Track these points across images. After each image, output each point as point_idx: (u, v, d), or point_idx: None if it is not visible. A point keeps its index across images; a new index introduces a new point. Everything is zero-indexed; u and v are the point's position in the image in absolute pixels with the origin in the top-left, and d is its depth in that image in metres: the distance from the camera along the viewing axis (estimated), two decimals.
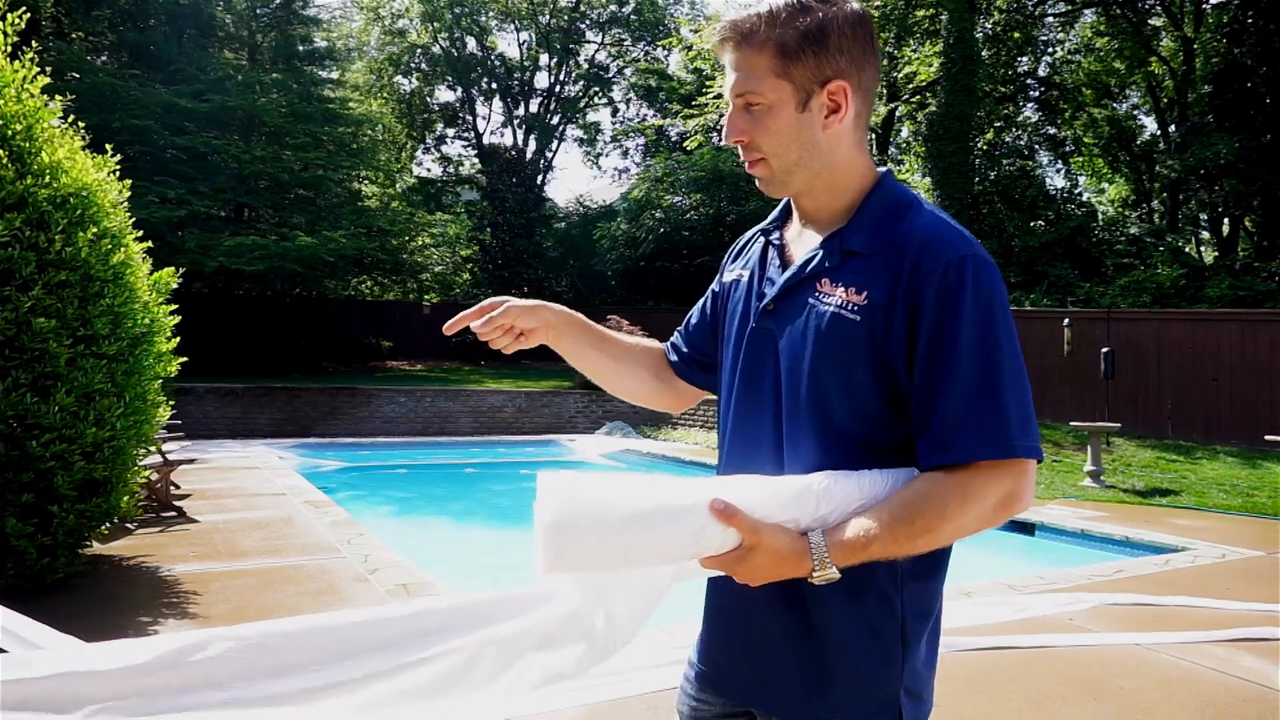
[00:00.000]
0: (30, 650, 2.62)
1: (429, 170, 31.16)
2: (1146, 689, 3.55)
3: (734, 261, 1.44)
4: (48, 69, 4.91)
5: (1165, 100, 21.59)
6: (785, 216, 1.37)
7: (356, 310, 22.36)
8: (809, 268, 1.24)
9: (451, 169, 30.97)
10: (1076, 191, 23.63)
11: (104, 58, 20.88)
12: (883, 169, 1.28)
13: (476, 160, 29.38)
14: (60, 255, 4.39)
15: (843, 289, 1.18)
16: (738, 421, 1.30)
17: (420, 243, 24.66)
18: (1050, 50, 24.20)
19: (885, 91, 21.20)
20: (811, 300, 1.21)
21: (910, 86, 21.64)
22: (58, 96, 4.92)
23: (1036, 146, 24.77)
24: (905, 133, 25.29)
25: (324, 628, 2.37)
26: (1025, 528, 7.29)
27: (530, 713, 3.05)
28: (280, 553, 5.60)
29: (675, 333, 1.57)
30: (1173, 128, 20.18)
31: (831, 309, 1.18)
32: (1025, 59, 23.75)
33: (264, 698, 2.44)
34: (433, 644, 2.14)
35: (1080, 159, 25.83)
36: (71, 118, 5.03)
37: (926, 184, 19.19)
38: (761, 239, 1.37)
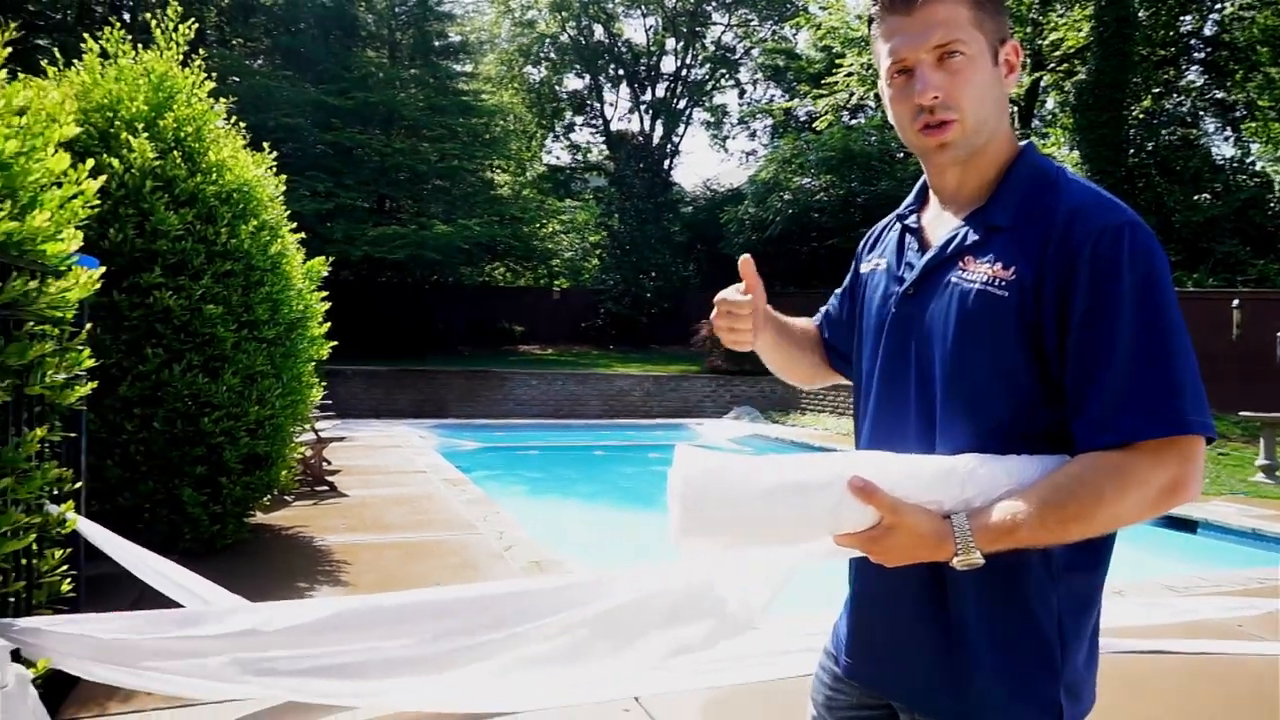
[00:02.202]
0: (204, 607, 2.86)
1: (558, 158, 31.80)
2: None
3: (870, 251, 1.40)
4: (213, 74, 5.28)
5: None
6: (921, 200, 1.32)
7: (490, 296, 23.11)
8: (950, 246, 1.19)
9: (580, 156, 31.47)
10: (1249, 161, 21.64)
11: (260, 61, 22.33)
12: (1024, 142, 1.22)
13: (604, 147, 29.73)
14: (226, 246, 4.74)
15: (988, 265, 1.13)
16: (879, 411, 1.26)
17: (550, 229, 25.24)
18: (1218, 6, 22.19)
19: (1029, 60, 20.01)
20: (954, 280, 1.16)
21: (1056, 54, 20.33)
22: (221, 99, 5.29)
23: (1201, 113, 22.79)
24: (1051, 104, 23.82)
25: (463, 599, 2.48)
26: (1186, 525, 6.78)
27: (658, 692, 3.09)
28: (422, 527, 5.88)
29: (819, 315, 1.56)
30: None
31: (977, 286, 1.13)
32: (1189, 18, 21.87)
33: (406, 660, 2.58)
34: (562, 615, 2.20)
35: (1253, 124, 23.57)
36: (234, 118, 5.40)
37: (1074, 157, 18.03)
38: (898, 225, 1.33)
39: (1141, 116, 20.68)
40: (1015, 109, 20.30)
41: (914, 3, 1.14)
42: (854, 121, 22.95)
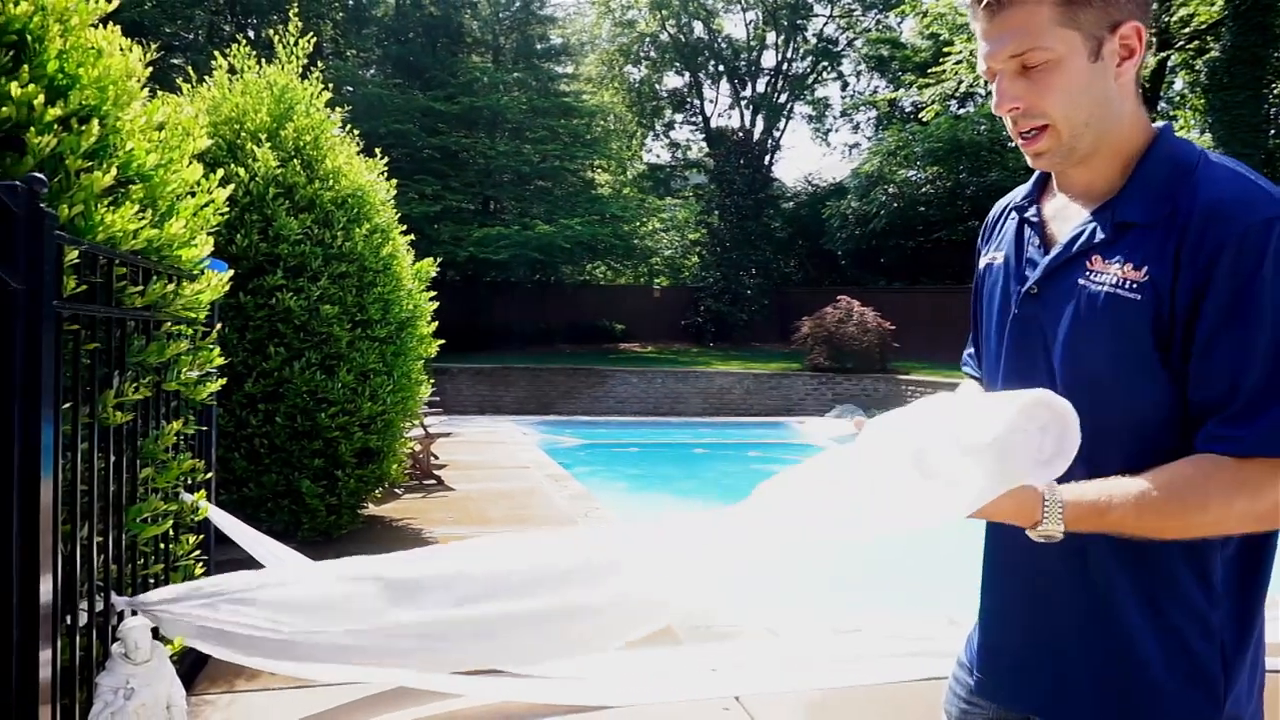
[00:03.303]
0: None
1: (658, 156, 31.90)
2: None
3: (987, 244, 1.33)
4: (329, 85, 5.53)
5: None
6: (1040, 189, 1.24)
7: (591, 294, 23.39)
8: (1077, 244, 1.12)
9: (680, 154, 31.49)
10: None
11: (372, 71, 23.25)
12: (1160, 124, 1.13)
13: (704, 144, 29.64)
14: (341, 249, 4.95)
15: (1118, 265, 1.05)
16: None
17: (650, 228, 25.36)
18: None
19: (1154, 40, 18.87)
20: (1082, 281, 1.09)
21: (1185, 31, 19.11)
22: (337, 108, 5.53)
23: None
24: (1179, 84, 22.40)
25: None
26: None
27: (758, 691, 3.07)
28: (524, 522, 6.01)
29: (967, 352, 1.47)
30: None
31: (1106, 289, 1.06)
32: None
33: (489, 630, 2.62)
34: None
35: None
36: (348, 126, 5.64)
37: (1207, 140, 16.91)
38: (1015, 216, 1.26)
39: None
40: (1139, 92, 18.94)
41: (991, 8, 1.08)
42: (962, 110, 22.17)
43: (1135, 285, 1.04)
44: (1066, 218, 1.17)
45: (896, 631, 3.61)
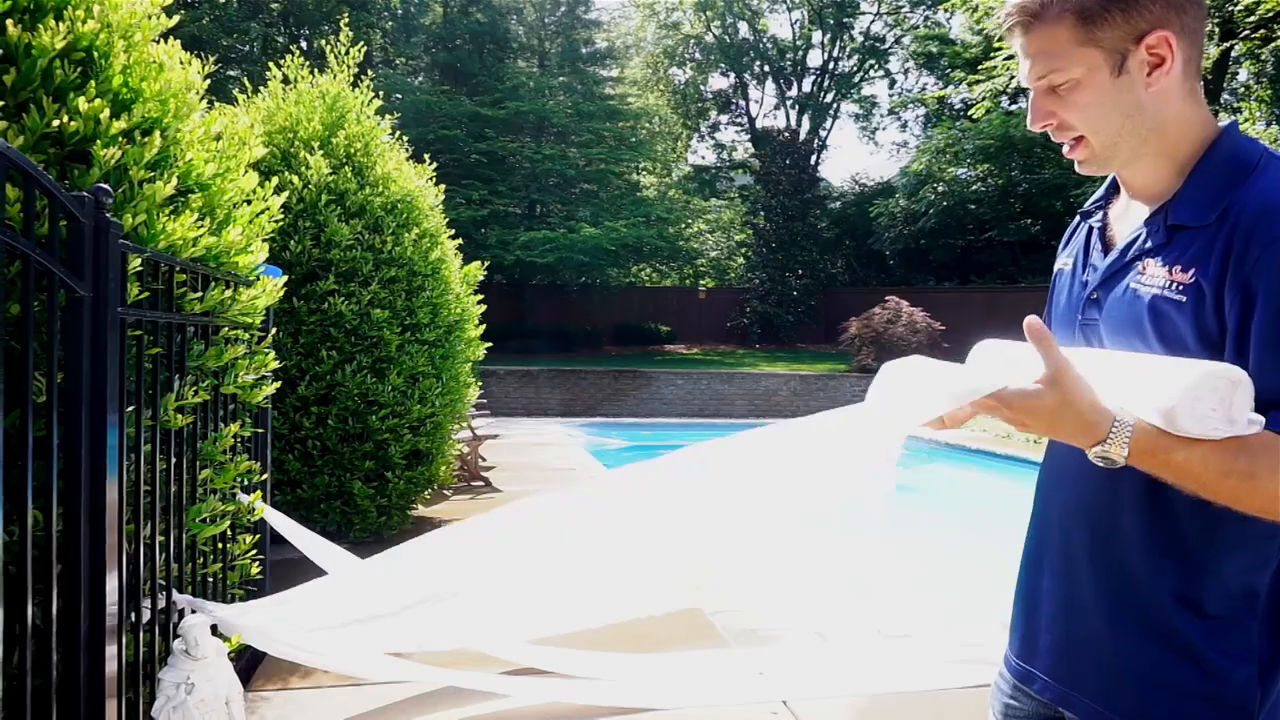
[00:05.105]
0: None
1: (703, 158, 31.87)
2: None
3: (1063, 250, 1.33)
4: (379, 93, 5.62)
5: None
6: (1111, 192, 1.24)
7: (636, 296, 23.44)
8: (1130, 250, 1.11)
9: (725, 155, 31.40)
10: None
11: (420, 78, 23.62)
12: (1226, 122, 1.11)
13: (749, 145, 29.53)
14: (391, 254, 5.04)
15: (1166, 269, 1.04)
16: None
17: (696, 229, 25.34)
18: None
19: (1217, 30, 18.29)
20: (1133, 286, 1.09)
21: (1250, 20, 18.48)
22: (387, 116, 5.62)
23: None
24: (1244, 75, 21.68)
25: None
26: None
27: (808, 696, 3.04)
28: None
29: None
30: None
31: (1153, 293, 1.05)
32: None
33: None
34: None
35: None
36: (397, 133, 5.73)
37: (1271, 134, 16.34)
38: (1085, 222, 1.27)
39: None
40: (1193, 92, 18.25)
41: (1014, 32, 1.11)
42: (1014, 106, 21.76)
43: (1181, 288, 1.03)
44: (1129, 219, 1.17)
45: (947, 637, 3.56)
